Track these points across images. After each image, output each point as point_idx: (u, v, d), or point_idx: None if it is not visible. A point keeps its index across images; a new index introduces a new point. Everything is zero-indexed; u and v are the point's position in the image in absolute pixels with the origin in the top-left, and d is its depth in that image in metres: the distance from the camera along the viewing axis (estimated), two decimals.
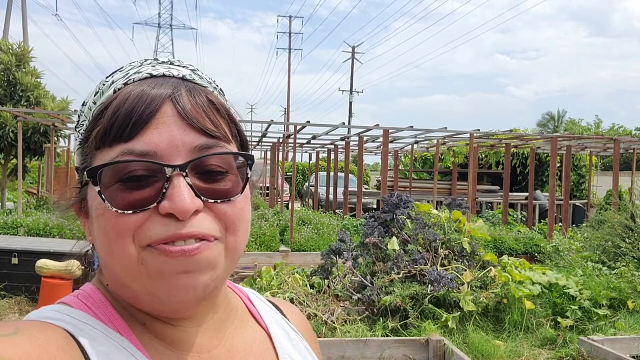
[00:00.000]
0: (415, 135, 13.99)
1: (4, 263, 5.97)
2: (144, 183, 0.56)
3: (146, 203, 0.56)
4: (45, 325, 0.56)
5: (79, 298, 0.63)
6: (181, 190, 0.56)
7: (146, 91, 0.59)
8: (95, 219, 0.59)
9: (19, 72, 12.28)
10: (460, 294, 5.32)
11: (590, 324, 5.55)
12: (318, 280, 6.00)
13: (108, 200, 0.56)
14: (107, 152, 0.58)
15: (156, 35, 63.91)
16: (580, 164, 18.32)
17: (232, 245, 0.61)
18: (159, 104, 0.58)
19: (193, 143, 0.58)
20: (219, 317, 0.68)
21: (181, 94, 0.60)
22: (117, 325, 0.60)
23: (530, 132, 20.10)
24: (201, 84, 0.64)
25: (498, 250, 9.02)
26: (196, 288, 0.58)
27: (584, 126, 38.67)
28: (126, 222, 0.56)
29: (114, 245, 0.57)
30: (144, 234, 0.56)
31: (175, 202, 0.55)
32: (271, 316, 0.78)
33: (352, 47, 46.00)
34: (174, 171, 0.56)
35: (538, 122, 48.73)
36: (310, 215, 11.50)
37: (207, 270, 0.58)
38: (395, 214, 6.12)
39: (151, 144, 0.57)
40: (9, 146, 12.02)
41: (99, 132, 0.58)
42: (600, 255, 7.80)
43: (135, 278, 0.58)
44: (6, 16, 28.04)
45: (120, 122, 0.57)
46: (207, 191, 0.58)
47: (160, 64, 0.65)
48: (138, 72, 0.62)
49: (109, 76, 0.64)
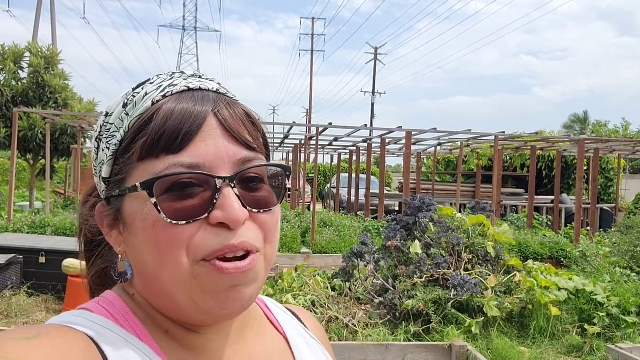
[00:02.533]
0: (438, 137, 13.86)
1: (32, 262, 6.10)
2: (192, 194, 0.58)
3: (198, 213, 0.58)
4: (67, 329, 0.56)
5: (100, 304, 0.63)
6: (232, 200, 0.58)
7: (190, 105, 0.60)
8: (143, 230, 0.59)
9: (48, 75, 12.54)
10: (484, 299, 5.25)
11: (618, 331, 5.41)
12: (339, 283, 5.98)
13: (164, 212, 0.57)
14: (152, 164, 0.58)
15: (181, 38, 64.77)
16: (608, 167, 17.93)
17: (269, 255, 0.64)
18: (205, 118, 0.60)
19: (237, 155, 0.60)
20: (240, 325, 0.70)
21: (221, 107, 0.62)
22: (138, 331, 0.61)
23: (557, 134, 19.76)
24: (233, 97, 0.66)
25: (523, 255, 8.86)
26: (244, 300, 0.60)
27: (611, 128, 37.82)
28: (180, 233, 0.57)
29: (166, 256, 0.58)
30: (198, 246, 0.57)
31: (229, 212, 0.57)
32: (289, 323, 0.79)
33: (375, 48, 45.87)
34: (224, 182, 0.58)
35: (564, 124, 47.85)
36: (332, 217, 11.48)
37: (253, 282, 0.61)
38: (417, 217, 6.06)
39: (199, 156, 0.58)
40: (38, 147, 12.29)
41: (146, 144, 0.59)
42: (629, 261, 7.61)
43: (185, 291, 0.59)
44: (35, 20, 28.71)
45: (169, 134, 0.58)
46: (251, 201, 0.61)
47: (191, 77, 0.66)
48: (172, 84, 0.63)
49: (137, 88, 0.65)
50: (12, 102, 12.09)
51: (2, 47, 12.59)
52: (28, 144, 12.14)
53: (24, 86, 12.50)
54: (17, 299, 5.71)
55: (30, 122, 12.00)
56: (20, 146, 11.89)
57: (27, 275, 6.07)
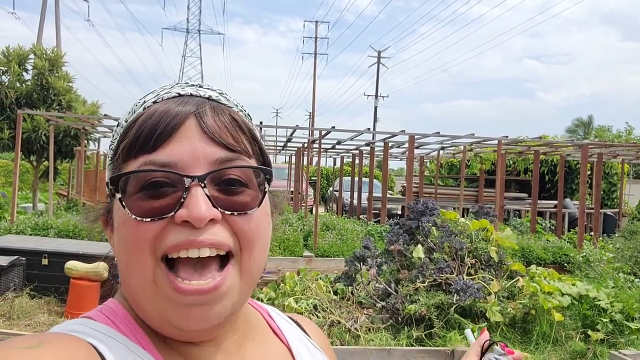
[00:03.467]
0: (441, 141, 13.85)
1: (35, 264, 6.10)
2: (164, 193, 0.58)
3: (164, 211, 0.57)
4: (69, 337, 0.56)
5: (102, 312, 0.64)
6: (198, 199, 0.57)
7: (172, 107, 0.61)
8: (117, 230, 0.61)
9: (52, 77, 12.58)
10: (487, 304, 5.23)
11: (621, 337, 5.38)
12: (342, 287, 5.96)
13: (128, 208, 0.58)
14: (132, 164, 0.60)
15: (184, 40, 64.87)
16: (611, 171, 17.87)
17: (246, 265, 0.61)
18: (183, 119, 0.60)
19: (214, 156, 0.59)
20: (240, 335, 0.69)
21: (205, 110, 0.62)
22: (140, 339, 0.61)
23: (560, 139, 19.73)
24: (226, 104, 0.65)
25: (526, 260, 8.84)
26: (210, 319, 0.58)
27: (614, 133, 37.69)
28: (145, 231, 0.57)
29: (132, 255, 0.58)
30: (160, 242, 0.57)
31: (191, 210, 0.56)
32: (292, 332, 0.78)
33: (378, 51, 45.90)
34: (193, 181, 0.58)
35: (567, 129, 47.74)
36: (334, 220, 11.47)
37: (221, 300, 0.58)
38: (420, 221, 6.05)
39: (173, 155, 0.58)
40: (41, 149, 12.32)
41: (126, 146, 0.60)
42: (633, 266, 7.58)
43: (149, 298, 0.58)
44: (40, 22, 28.82)
45: (145, 135, 0.59)
46: (224, 203, 0.59)
47: (190, 86, 0.67)
48: (168, 92, 0.65)
49: (142, 97, 0.66)
50: (16, 103, 12.13)
51: (7, 49, 12.64)
52: (32, 145, 12.17)
53: (28, 88, 12.54)
54: (20, 300, 5.70)
55: (34, 123, 12.03)
56: (23, 148, 11.93)
57: (30, 277, 6.08)
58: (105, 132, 13.94)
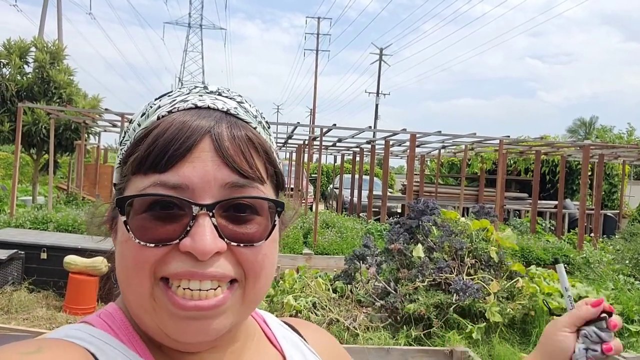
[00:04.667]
0: (442, 140, 13.83)
1: (34, 258, 6.09)
2: (171, 216, 0.56)
3: (169, 238, 0.56)
4: (67, 344, 0.56)
5: (101, 317, 0.64)
6: (205, 230, 0.55)
7: (187, 123, 0.58)
8: (119, 244, 0.60)
9: (53, 70, 12.56)
10: (487, 304, 5.21)
11: (621, 340, 5.36)
12: (341, 285, 5.95)
13: (132, 230, 0.57)
14: (140, 180, 0.58)
15: (186, 35, 64.84)
16: (612, 172, 17.86)
17: (250, 293, 0.60)
18: (198, 139, 0.58)
19: (225, 180, 0.57)
20: (239, 346, 0.69)
21: (221, 129, 0.59)
22: (137, 347, 0.60)
23: (561, 139, 19.71)
24: (244, 119, 0.63)
25: (526, 260, 8.82)
26: (206, 334, 0.58)
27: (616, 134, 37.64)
28: (146, 255, 0.56)
29: (131, 275, 0.58)
30: (162, 267, 0.56)
31: (197, 242, 0.55)
32: (287, 337, 0.78)
33: (380, 49, 45.83)
34: (201, 210, 0.56)
35: (568, 128, 47.72)
36: (334, 218, 11.46)
37: (220, 317, 0.58)
38: (421, 220, 6.03)
39: (184, 177, 0.56)
40: (42, 142, 12.31)
41: (136, 159, 0.59)
42: (633, 268, 7.56)
43: (147, 312, 0.58)
44: (42, 14, 28.77)
45: (157, 153, 0.57)
46: (232, 234, 0.58)
47: (209, 93, 0.64)
48: (184, 100, 0.62)
49: (157, 99, 0.65)
50: (16, 96, 12.11)
51: (8, 42, 12.62)
52: (32, 138, 12.16)
53: (29, 81, 12.51)
54: (18, 294, 5.69)
55: (34, 117, 12.01)
56: (24, 141, 11.91)
57: (29, 271, 6.07)
58: (106, 125, 13.92)
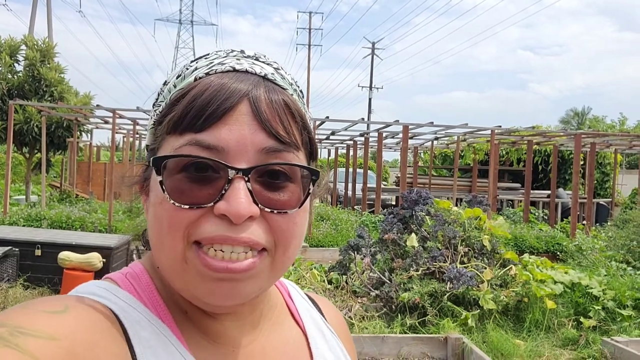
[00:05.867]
0: (435, 131, 13.87)
1: (28, 255, 6.07)
2: (206, 178, 0.56)
3: (204, 201, 0.56)
4: (94, 304, 0.56)
5: (127, 277, 0.64)
6: (240, 193, 0.55)
7: (226, 85, 0.58)
8: (152, 205, 0.60)
9: (44, 68, 12.48)
10: (480, 292, 5.26)
11: (614, 324, 5.43)
12: (336, 276, 5.98)
13: (168, 191, 0.56)
14: (176, 139, 0.58)
15: (177, 32, 64.49)
16: (604, 161, 17.97)
17: (279, 261, 0.60)
18: (236, 102, 0.57)
19: (262, 144, 0.57)
20: (258, 313, 0.69)
21: (259, 93, 0.59)
22: (160, 312, 0.61)
23: (553, 129, 19.79)
24: (281, 85, 0.62)
25: (519, 249, 8.89)
26: (236, 297, 0.58)
27: (608, 123, 37.85)
28: (181, 217, 0.56)
29: (165, 237, 0.57)
30: (195, 230, 0.56)
31: (232, 205, 0.55)
32: (309, 314, 0.77)
33: (372, 43, 45.78)
34: (237, 174, 0.56)
35: (561, 119, 47.93)
36: (329, 211, 11.48)
37: (249, 281, 0.58)
38: (414, 210, 6.06)
39: (221, 139, 0.56)
40: (34, 140, 12.24)
41: (173, 118, 0.58)
42: (625, 255, 7.63)
43: (179, 275, 0.58)
44: (32, 13, 28.53)
45: (195, 113, 0.57)
46: (265, 199, 0.57)
47: (246, 57, 0.64)
48: (222, 63, 0.62)
49: (194, 61, 0.64)
50: (7, 95, 12.03)
51: None
52: (24, 137, 12.09)
53: (20, 79, 12.44)
54: (13, 291, 5.68)
55: (26, 115, 11.94)
56: (16, 139, 11.85)
57: (23, 267, 6.05)
58: (98, 123, 13.86)
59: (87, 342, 0.51)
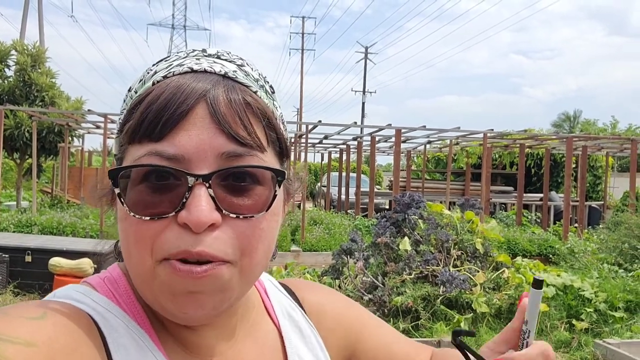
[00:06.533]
0: (428, 135, 13.90)
1: (18, 261, 6.03)
2: (167, 188, 0.54)
3: (166, 210, 0.54)
4: (72, 310, 0.56)
5: (105, 282, 0.62)
6: (200, 200, 0.53)
7: (182, 87, 0.56)
8: (118, 220, 0.58)
9: (34, 73, 12.43)
10: (473, 295, 5.26)
11: (606, 327, 5.45)
12: (329, 281, 5.97)
13: (128, 203, 0.55)
14: (136, 149, 0.56)
15: (170, 37, 64.40)
16: (596, 164, 18.08)
17: (246, 268, 0.58)
18: (192, 104, 0.55)
19: (221, 149, 0.55)
20: (236, 319, 0.67)
21: (218, 93, 0.56)
22: (138, 318, 0.60)
23: (545, 133, 19.90)
24: (243, 83, 0.60)
25: (512, 252, 8.92)
26: (204, 307, 0.56)
27: (600, 127, 38.14)
28: (145, 230, 0.54)
29: (132, 251, 0.56)
30: (160, 245, 0.54)
31: (192, 213, 0.53)
32: (285, 310, 0.75)
33: (365, 47, 45.97)
34: (197, 180, 0.54)
35: (553, 123, 48.20)
36: (322, 215, 11.47)
37: (217, 293, 0.56)
38: (407, 214, 6.07)
39: (180, 147, 0.54)
40: (25, 146, 12.17)
41: (131, 127, 0.56)
42: (617, 257, 7.67)
43: (148, 288, 0.57)
44: (23, 18, 28.41)
45: (150, 119, 0.55)
46: (230, 204, 0.55)
47: (206, 56, 0.62)
48: (180, 64, 0.59)
49: (155, 64, 0.62)
50: None
51: None
52: (15, 142, 12.02)
53: (10, 84, 12.38)
54: (4, 298, 5.64)
55: (16, 120, 11.87)
56: (6, 145, 11.77)
57: (13, 274, 6.00)
58: (90, 128, 13.79)
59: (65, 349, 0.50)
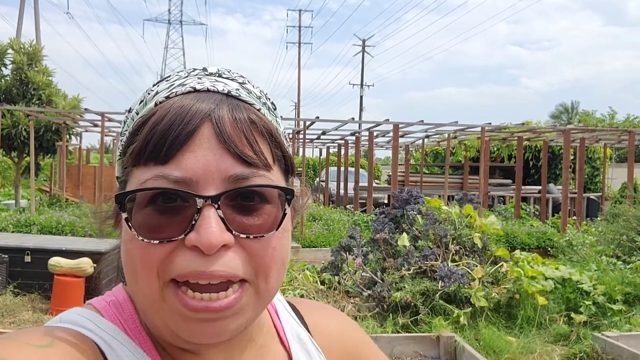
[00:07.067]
0: (426, 129, 13.90)
1: (18, 261, 6.02)
2: (175, 211, 0.54)
3: (174, 234, 0.53)
4: (78, 337, 0.55)
5: (110, 306, 0.62)
6: (210, 222, 0.52)
7: (186, 108, 0.55)
8: (123, 243, 0.57)
9: (31, 71, 12.39)
10: (472, 289, 5.28)
11: (604, 319, 5.47)
12: (328, 277, 5.99)
13: (135, 227, 0.54)
14: (142, 172, 0.55)
15: (166, 32, 64.21)
16: (594, 156, 18.10)
17: (262, 289, 0.57)
18: (197, 124, 0.54)
19: (228, 172, 0.54)
20: (244, 342, 0.66)
21: (223, 113, 0.56)
22: (144, 345, 0.59)
23: (543, 125, 19.89)
24: (247, 101, 0.59)
25: (510, 245, 8.93)
26: (221, 335, 0.55)
27: (598, 117, 38.08)
28: (152, 253, 0.53)
29: (139, 275, 0.55)
30: (169, 267, 0.53)
31: (202, 235, 0.52)
32: (295, 333, 0.74)
33: (363, 40, 45.80)
34: (206, 202, 0.53)
35: (551, 114, 48.19)
36: (321, 211, 11.48)
37: (234, 317, 0.55)
38: (405, 209, 6.08)
39: (187, 169, 0.53)
40: (22, 145, 12.15)
41: (135, 150, 0.55)
42: (615, 249, 7.69)
43: (157, 312, 0.56)
44: (19, 16, 28.29)
45: (155, 141, 0.54)
46: (239, 225, 0.54)
47: (208, 75, 0.61)
48: (182, 84, 0.59)
49: (156, 85, 0.62)
50: None
51: None
52: (12, 141, 11.99)
53: (7, 83, 12.34)
54: (3, 298, 5.64)
55: (13, 119, 11.85)
56: (4, 144, 11.76)
57: (13, 274, 6.00)
58: (87, 126, 13.77)
59: None
